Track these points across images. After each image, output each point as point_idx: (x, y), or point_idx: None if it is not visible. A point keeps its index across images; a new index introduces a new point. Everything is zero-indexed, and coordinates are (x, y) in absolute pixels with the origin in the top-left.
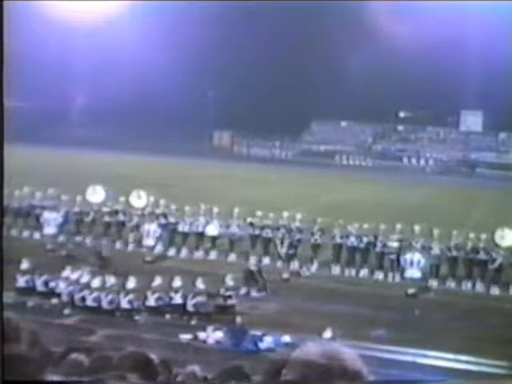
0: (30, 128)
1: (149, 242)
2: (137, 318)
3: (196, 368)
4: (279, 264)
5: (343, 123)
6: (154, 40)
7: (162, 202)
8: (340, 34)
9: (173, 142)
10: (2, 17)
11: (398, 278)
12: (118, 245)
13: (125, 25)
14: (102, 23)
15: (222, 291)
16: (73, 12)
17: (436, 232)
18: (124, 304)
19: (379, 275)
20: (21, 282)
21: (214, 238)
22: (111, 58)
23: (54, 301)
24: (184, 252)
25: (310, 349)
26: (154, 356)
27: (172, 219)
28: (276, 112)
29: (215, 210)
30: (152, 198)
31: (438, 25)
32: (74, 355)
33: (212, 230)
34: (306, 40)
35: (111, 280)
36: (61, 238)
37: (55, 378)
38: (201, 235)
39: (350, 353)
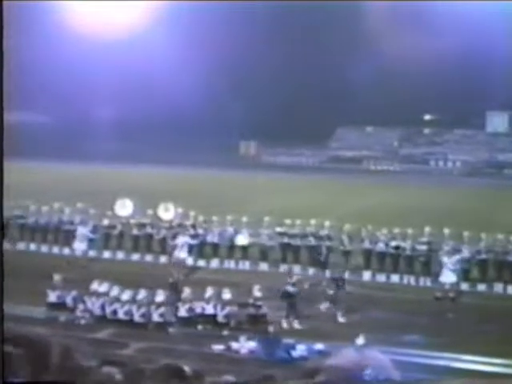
0: (58, 144)
1: (178, 253)
2: (169, 329)
3: (230, 378)
4: (311, 272)
5: (369, 128)
6: (179, 52)
7: (190, 213)
8: (363, 40)
9: (199, 153)
10: (2, 17)
11: (429, 282)
12: (148, 257)
13: (149, 38)
14: (127, 36)
15: (251, 301)
16: (99, 26)
17: (465, 235)
18: (156, 317)
19: (410, 280)
20: (52, 297)
21: (244, 248)
22: (136, 72)
23: (86, 315)
24: (214, 262)
25: (344, 356)
26: (187, 367)
27: (201, 230)
28: (302, 119)
29: (244, 219)
30: (180, 210)
31: (462, 26)
32: (106, 368)
33: (242, 239)
34: (329, 47)
35: (142, 293)
36: (90, 253)
37: None
38: (230, 245)
39: (383, 359)
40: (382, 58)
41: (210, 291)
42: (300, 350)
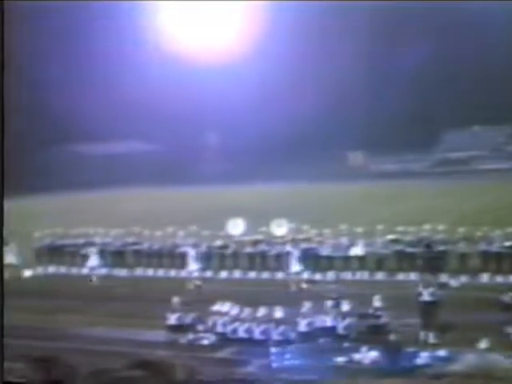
0: (167, 169)
1: (294, 268)
2: (290, 345)
3: None
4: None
5: (475, 127)
6: (283, 67)
7: (303, 227)
8: (465, 42)
9: (308, 167)
10: (3, 16)
11: None
12: (265, 274)
13: (252, 57)
14: (231, 59)
15: (371, 311)
16: (205, 51)
17: None
18: (275, 336)
19: None
20: (172, 319)
21: (359, 258)
22: (241, 92)
23: (207, 335)
24: (330, 275)
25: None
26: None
27: (315, 244)
28: (407, 125)
29: (358, 230)
30: (293, 225)
31: None
32: None
33: (356, 250)
34: (429, 52)
35: (261, 310)
36: (207, 273)
37: None
38: (345, 257)
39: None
40: (485, 57)
41: (328, 304)
42: (423, 357)
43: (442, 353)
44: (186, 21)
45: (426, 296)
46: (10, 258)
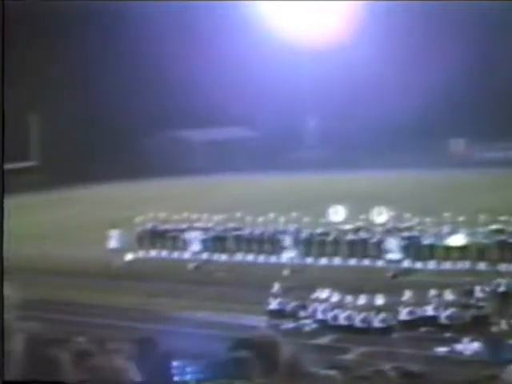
0: (267, 155)
1: (393, 256)
2: (391, 333)
3: (455, 380)
4: None
5: None
6: (378, 55)
7: (405, 215)
8: None
9: (410, 154)
10: (3, 16)
11: None
12: (366, 262)
13: (349, 44)
14: (329, 44)
15: (473, 302)
16: (305, 38)
17: None
18: (376, 323)
19: None
20: (273, 305)
21: (460, 248)
22: (340, 77)
23: (308, 322)
24: (431, 264)
25: None
26: (413, 371)
27: (416, 232)
28: (508, 111)
29: (460, 219)
30: (393, 213)
31: None
32: (330, 373)
33: (458, 239)
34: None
35: (362, 298)
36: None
37: None
38: (447, 246)
39: None
40: None
41: (431, 293)
42: None
43: None
44: (287, 11)
45: (502, 287)
46: (113, 243)
